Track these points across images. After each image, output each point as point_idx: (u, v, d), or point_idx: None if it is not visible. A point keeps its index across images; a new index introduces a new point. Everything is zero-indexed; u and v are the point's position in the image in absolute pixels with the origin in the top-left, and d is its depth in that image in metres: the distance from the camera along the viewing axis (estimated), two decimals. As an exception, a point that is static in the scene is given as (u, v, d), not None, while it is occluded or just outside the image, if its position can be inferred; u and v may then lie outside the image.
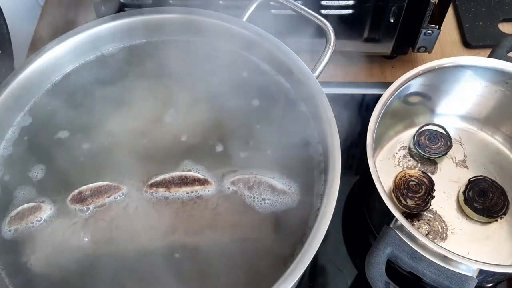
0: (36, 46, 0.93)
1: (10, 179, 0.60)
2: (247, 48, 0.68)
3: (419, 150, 0.77)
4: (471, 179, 0.75)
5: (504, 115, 0.78)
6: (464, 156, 0.79)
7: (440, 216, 0.73)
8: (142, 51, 0.70)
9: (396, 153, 0.79)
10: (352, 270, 0.72)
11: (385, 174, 0.75)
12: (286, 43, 0.65)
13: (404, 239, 0.59)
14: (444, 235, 0.72)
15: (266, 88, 0.66)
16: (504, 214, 0.73)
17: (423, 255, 0.58)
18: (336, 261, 0.72)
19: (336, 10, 0.78)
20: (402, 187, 0.72)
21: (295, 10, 0.67)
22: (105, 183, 0.59)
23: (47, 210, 0.58)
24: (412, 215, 0.73)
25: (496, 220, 0.73)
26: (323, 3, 0.77)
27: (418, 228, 0.72)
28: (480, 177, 0.75)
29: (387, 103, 0.69)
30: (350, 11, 0.78)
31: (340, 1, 0.76)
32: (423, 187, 0.72)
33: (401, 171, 0.75)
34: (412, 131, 0.80)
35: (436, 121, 0.81)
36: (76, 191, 0.58)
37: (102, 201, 0.58)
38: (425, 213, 0.73)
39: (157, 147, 0.62)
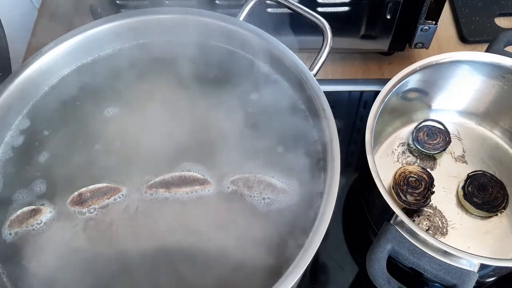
0: (33, 49, 0.93)
1: (10, 182, 0.60)
2: (244, 47, 0.68)
3: (418, 146, 0.77)
4: (470, 174, 0.75)
5: (502, 109, 0.78)
6: (463, 151, 0.79)
7: (440, 211, 0.73)
8: (140, 52, 0.69)
9: (395, 150, 0.79)
10: (353, 267, 0.72)
11: (385, 171, 0.75)
12: (283, 42, 0.65)
13: (405, 235, 0.59)
14: (444, 230, 0.72)
15: (264, 87, 0.66)
16: (504, 208, 0.73)
17: (424, 251, 0.58)
18: (337, 258, 0.73)
19: (333, 8, 0.78)
20: (402, 183, 0.72)
21: (291, 8, 0.67)
22: (104, 184, 0.59)
23: (47, 213, 0.58)
24: (412, 211, 0.73)
25: (496, 215, 0.73)
26: (320, 0, 0.77)
27: (419, 223, 0.72)
28: (479, 172, 0.75)
29: (385, 100, 0.69)
30: (346, 8, 0.78)
31: (336, -1, 0.76)
32: (422, 183, 0.72)
33: (401, 167, 0.75)
34: (411, 127, 0.80)
35: (434, 116, 0.81)
36: (76, 193, 0.58)
37: (102, 202, 0.58)
38: (425, 208, 0.73)
39: (157, 148, 0.62)
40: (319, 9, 0.77)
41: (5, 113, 0.62)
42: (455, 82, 0.76)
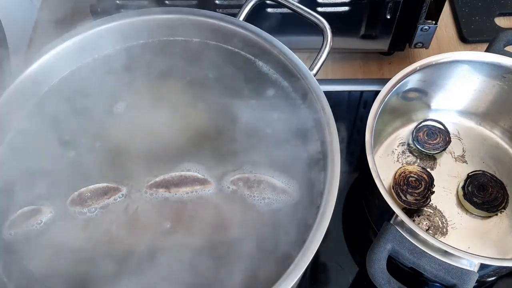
0: (33, 49, 0.93)
1: (10, 182, 0.60)
2: (244, 47, 0.68)
3: (418, 146, 0.77)
4: (470, 174, 0.75)
5: (502, 109, 0.78)
6: (463, 151, 0.79)
7: (440, 211, 0.73)
8: (139, 52, 0.69)
9: (395, 149, 0.79)
10: (353, 267, 0.72)
11: (385, 171, 0.75)
12: (283, 42, 0.65)
13: (405, 235, 0.59)
14: (444, 230, 0.72)
15: (264, 87, 0.66)
16: (504, 208, 0.73)
17: (424, 251, 0.58)
18: (337, 258, 0.73)
19: (333, 8, 0.78)
20: (402, 183, 0.72)
21: (291, 8, 0.67)
22: (104, 184, 0.59)
23: (47, 213, 0.58)
24: (412, 211, 0.73)
25: (496, 214, 0.73)
26: (320, 0, 0.77)
27: (419, 223, 0.72)
28: (479, 172, 0.75)
29: (385, 100, 0.69)
30: (346, 8, 0.78)
31: (336, -1, 0.76)
32: (422, 182, 0.72)
33: (401, 167, 0.75)
34: (411, 127, 0.80)
35: (434, 116, 0.81)
36: (76, 193, 0.58)
37: (102, 202, 0.58)
38: (425, 208, 0.73)
39: (157, 148, 0.62)
40: (319, 9, 0.77)
41: (5, 113, 0.62)
42: (455, 82, 0.76)
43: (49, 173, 0.60)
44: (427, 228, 0.72)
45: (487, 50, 0.74)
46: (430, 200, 0.72)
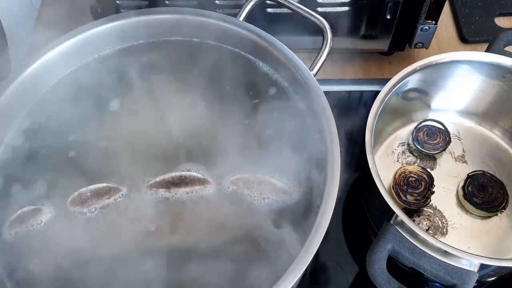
0: (33, 49, 0.92)
1: (10, 182, 0.60)
2: (244, 47, 0.68)
3: (418, 146, 0.77)
4: (470, 174, 0.75)
5: (502, 109, 0.78)
6: (463, 151, 0.79)
7: (440, 211, 0.74)
8: (139, 52, 0.69)
9: (395, 149, 0.79)
10: (353, 267, 0.72)
11: (385, 171, 0.75)
12: (283, 42, 0.65)
13: (405, 235, 0.59)
14: (444, 230, 0.72)
15: (264, 87, 0.66)
16: (504, 208, 0.73)
17: (424, 251, 0.58)
18: (337, 258, 0.73)
19: (333, 8, 0.78)
20: (402, 183, 0.72)
21: (291, 8, 0.67)
22: (104, 184, 0.59)
23: (47, 213, 0.58)
24: (412, 211, 0.73)
25: (496, 215, 0.73)
26: (320, 0, 0.77)
27: (419, 223, 0.72)
28: (479, 172, 0.75)
29: (385, 100, 0.69)
30: (346, 8, 0.78)
31: (336, -1, 0.76)
32: (422, 182, 0.73)
33: (401, 167, 0.75)
34: (411, 127, 0.80)
35: (434, 116, 0.81)
36: (76, 193, 0.58)
37: (102, 202, 0.58)
38: (425, 208, 0.73)
39: (157, 148, 0.62)
40: (319, 9, 0.77)
41: (5, 113, 0.62)
42: (455, 82, 0.76)
43: (49, 173, 0.60)
44: (427, 228, 0.72)
45: (487, 50, 0.74)
46: (430, 200, 0.72)
